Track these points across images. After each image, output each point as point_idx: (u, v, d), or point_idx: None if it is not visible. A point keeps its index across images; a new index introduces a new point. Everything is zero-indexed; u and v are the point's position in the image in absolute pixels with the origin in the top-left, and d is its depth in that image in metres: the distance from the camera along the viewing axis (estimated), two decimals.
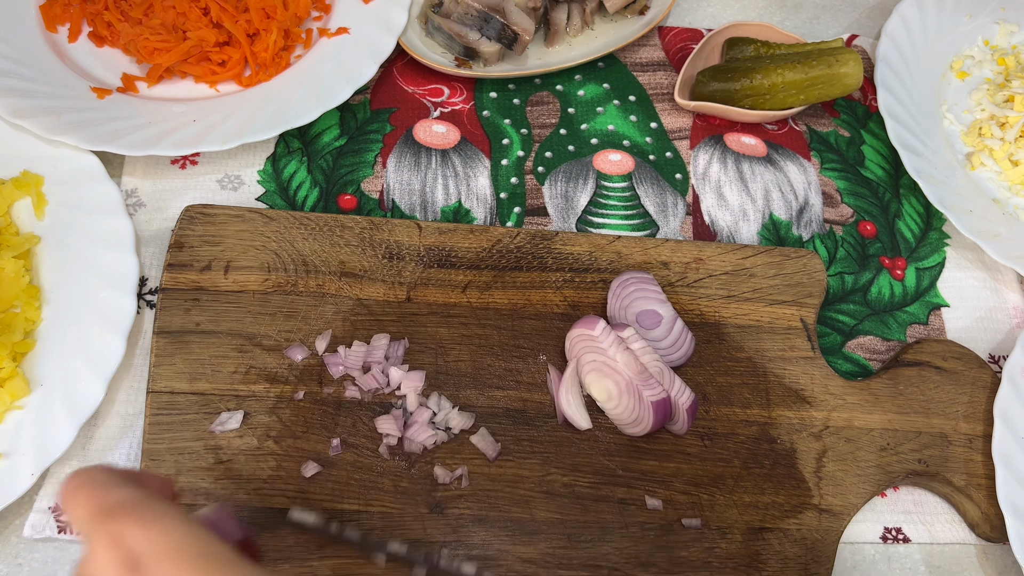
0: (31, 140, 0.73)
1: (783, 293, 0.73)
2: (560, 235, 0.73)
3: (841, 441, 0.68)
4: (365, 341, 0.67)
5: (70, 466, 0.64)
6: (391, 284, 0.70)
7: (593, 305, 0.71)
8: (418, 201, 0.78)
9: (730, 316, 0.72)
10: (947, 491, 0.69)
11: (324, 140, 0.81)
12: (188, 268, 0.68)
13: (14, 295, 0.65)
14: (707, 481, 0.65)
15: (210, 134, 0.75)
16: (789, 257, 0.75)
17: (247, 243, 0.70)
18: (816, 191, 0.84)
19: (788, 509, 0.65)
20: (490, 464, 0.64)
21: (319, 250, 0.70)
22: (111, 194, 0.71)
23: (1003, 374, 0.70)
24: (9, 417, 0.62)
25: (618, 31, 0.90)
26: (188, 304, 0.67)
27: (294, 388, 0.65)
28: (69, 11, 0.82)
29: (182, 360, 0.65)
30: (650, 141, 0.85)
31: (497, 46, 0.84)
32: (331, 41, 0.84)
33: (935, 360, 0.72)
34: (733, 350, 0.70)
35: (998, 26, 0.95)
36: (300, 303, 0.68)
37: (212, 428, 0.62)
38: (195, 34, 0.79)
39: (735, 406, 0.68)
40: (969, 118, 0.89)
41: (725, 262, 0.74)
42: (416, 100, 0.85)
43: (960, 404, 0.70)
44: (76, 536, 0.61)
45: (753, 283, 0.73)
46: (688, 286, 0.73)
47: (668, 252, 0.74)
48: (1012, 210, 0.84)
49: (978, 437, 0.69)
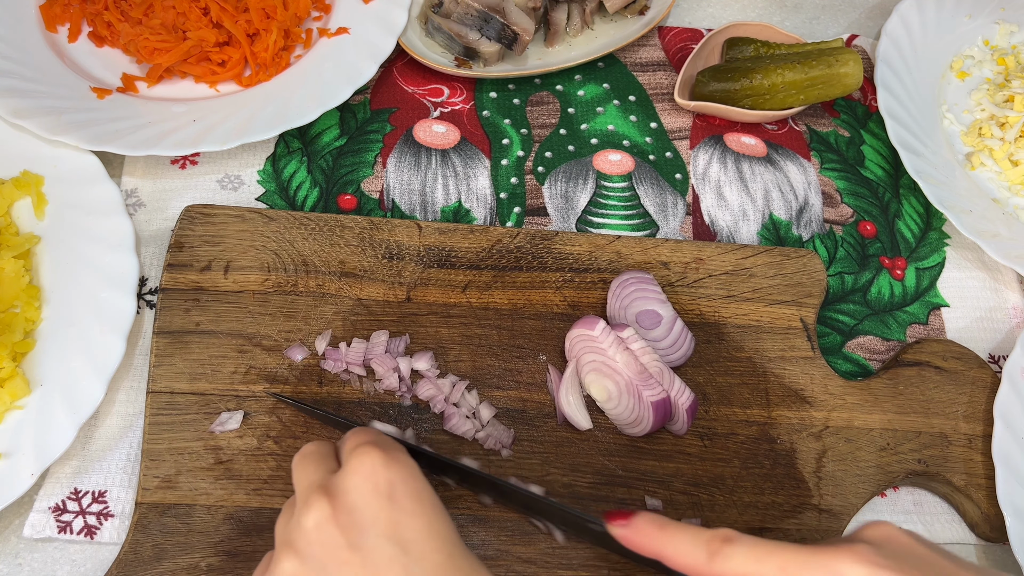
0: (31, 140, 0.73)
1: (783, 293, 0.73)
2: (560, 235, 0.73)
3: (841, 441, 0.68)
4: (365, 340, 0.67)
5: (70, 466, 0.64)
6: (391, 284, 0.70)
7: (593, 305, 0.71)
8: (418, 201, 0.79)
9: (730, 316, 0.72)
10: (947, 491, 0.69)
11: (324, 140, 0.81)
12: (188, 268, 0.68)
13: (14, 295, 0.65)
14: (707, 481, 0.65)
15: (210, 134, 0.75)
16: (789, 257, 0.75)
17: (247, 243, 0.70)
18: (816, 191, 0.84)
19: (788, 509, 0.65)
20: (490, 464, 0.64)
21: (319, 250, 0.70)
22: (111, 194, 0.71)
23: (1003, 374, 0.70)
24: (9, 417, 0.62)
25: (618, 31, 0.90)
26: (188, 304, 0.67)
27: (294, 388, 0.65)
28: (69, 11, 0.82)
29: (182, 360, 0.65)
30: (650, 141, 0.85)
31: (497, 46, 0.84)
32: (331, 41, 0.84)
33: (935, 360, 0.72)
34: (733, 350, 0.70)
35: (998, 26, 0.95)
36: (300, 303, 0.68)
37: (212, 428, 0.62)
38: (195, 34, 0.79)
39: (735, 406, 0.68)
40: (969, 118, 0.89)
41: (725, 262, 0.74)
42: (416, 100, 0.85)
43: (960, 404, 0.70)
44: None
45: (753, 283, 0.73)
46: (688, 286, 0.73)
47: (668, 252, 0.74)
48: (1012, 210, 0.84)
49: (978, 437, 0.69)
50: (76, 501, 0.62)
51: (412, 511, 0.45)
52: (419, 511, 0.46)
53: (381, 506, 0.45)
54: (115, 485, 0.63)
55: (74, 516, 0.62)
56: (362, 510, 0.45)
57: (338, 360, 0.66)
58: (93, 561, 0.62)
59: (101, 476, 0.63)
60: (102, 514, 0.62)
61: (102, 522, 0.62)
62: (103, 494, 0.63)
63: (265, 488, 0.61)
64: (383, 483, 0.45)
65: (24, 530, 0.61)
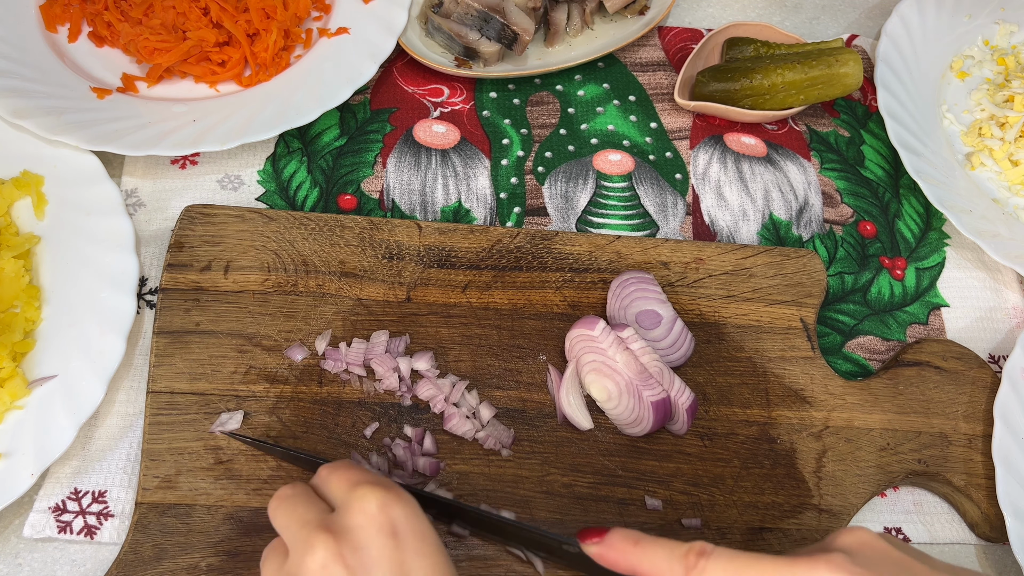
0: (31, 140, 0.73)
1: (783, 293, 0.73)
2: (560, 235, 0.74)
3: (841, 441, 0.68)
4: (365, 340, 0.67)
5: (70, 466, 0.64)
6: (391, 284, 0.70)
7: (593, 305, 0.71)
8: (418, 201, 0.79)
9: (730, 316, 0.72)
10: (947, 491, 0.69)
11: (324, 140, 0.81)
12: (188, 268, 0.68)
13: (14, 295, 0.65)
14: (707, 481, 0.65)
15: (210, 134, 0.75)
16: (789, 257, 0.75)
17: (247, 243, 0.70)
18: (816, 191, 0.84)
19: (788, 509, 0.65)
20: (490, 464, 0.64)
21: (319, 250, 0.70)
22: (111, 194, 0.71)
23: (1003, 374, 0.70)
24: (9, 417, 0.62)
25: (618, 31, 0.90)
26: (188, 304, 0.67)
27: (294, 388, 0.65)
28: (69, 11, 0.82)
29: (182, 360, 0.65)
30: (650, 141, 0.85)
31: (497, 46, 0.84)
32: (331, 41, 0.84)
33: (935, 360, 0.72)
34: (733, 350, 0.70)
35: (998, 26, 0.95)
36: (300, 303, 0.68)
37: (212, 429, 0.62)
38: (195, 34, 0.79)
39: (735, 406, 0.68)
40: (969, 118, 0.89)
41: (725, 262, 0.74)
42: (416, 100, 0.85)
43: (960, 404, 0.70)
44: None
45: (753, 283, 0.73)
46: (688, 286, 0.73)
47: (668, 252, 0.74)
48: (1012, 210, 0.84)
49: (978, 437, 0.69)
50: (76, 501, 0.62)
51: (417, 551, 0.45)
52: (424, 551, 0.45)
53: (386, 544, 0.45)
54: (115, 485, 0.63)
55: (74, 516, 0.62)
56: (368, 549, 0.44)
57: (338, 360, 0.66)
58: (93, 561, 0.62)
59: (101, 476, 0.63)
60: (102, 514, 0.62)
61: (102, 522, 0.62)
62: (103, 494, 0.63)
63: (265, 488, 0.61)
64: (387, 522, 0.45)
65: (24, 530, 0.61)
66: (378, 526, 0.45)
